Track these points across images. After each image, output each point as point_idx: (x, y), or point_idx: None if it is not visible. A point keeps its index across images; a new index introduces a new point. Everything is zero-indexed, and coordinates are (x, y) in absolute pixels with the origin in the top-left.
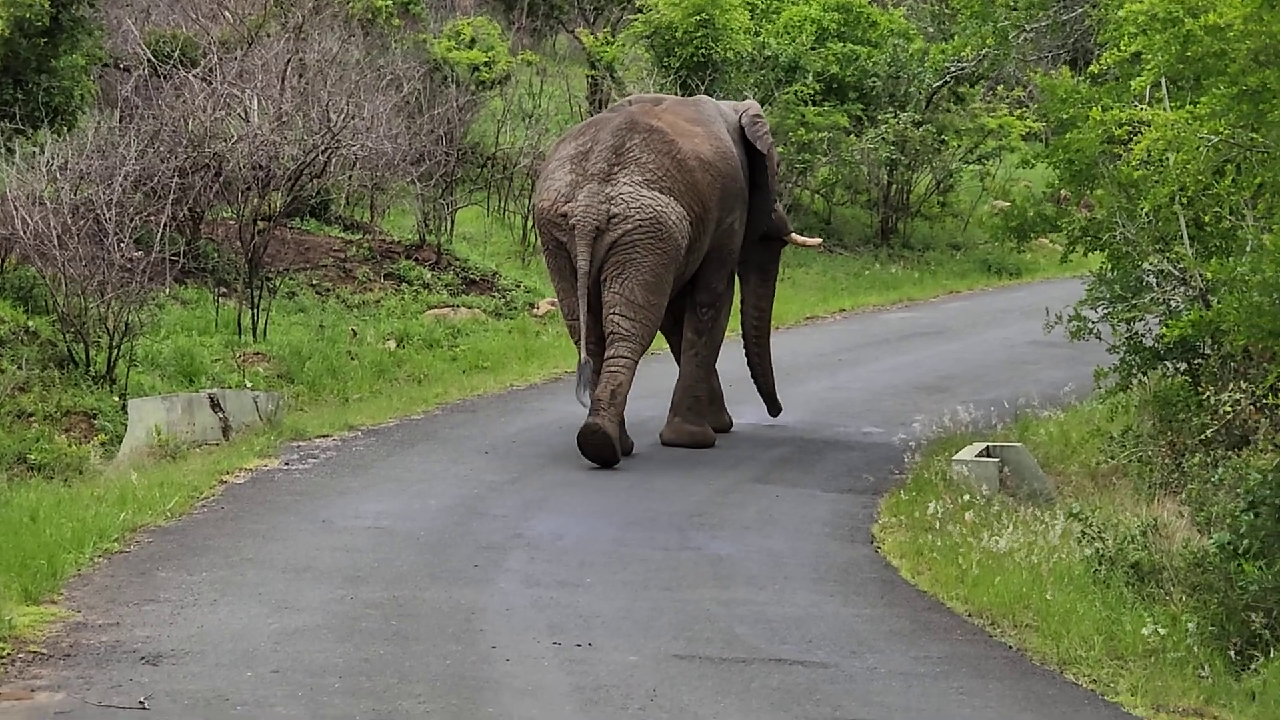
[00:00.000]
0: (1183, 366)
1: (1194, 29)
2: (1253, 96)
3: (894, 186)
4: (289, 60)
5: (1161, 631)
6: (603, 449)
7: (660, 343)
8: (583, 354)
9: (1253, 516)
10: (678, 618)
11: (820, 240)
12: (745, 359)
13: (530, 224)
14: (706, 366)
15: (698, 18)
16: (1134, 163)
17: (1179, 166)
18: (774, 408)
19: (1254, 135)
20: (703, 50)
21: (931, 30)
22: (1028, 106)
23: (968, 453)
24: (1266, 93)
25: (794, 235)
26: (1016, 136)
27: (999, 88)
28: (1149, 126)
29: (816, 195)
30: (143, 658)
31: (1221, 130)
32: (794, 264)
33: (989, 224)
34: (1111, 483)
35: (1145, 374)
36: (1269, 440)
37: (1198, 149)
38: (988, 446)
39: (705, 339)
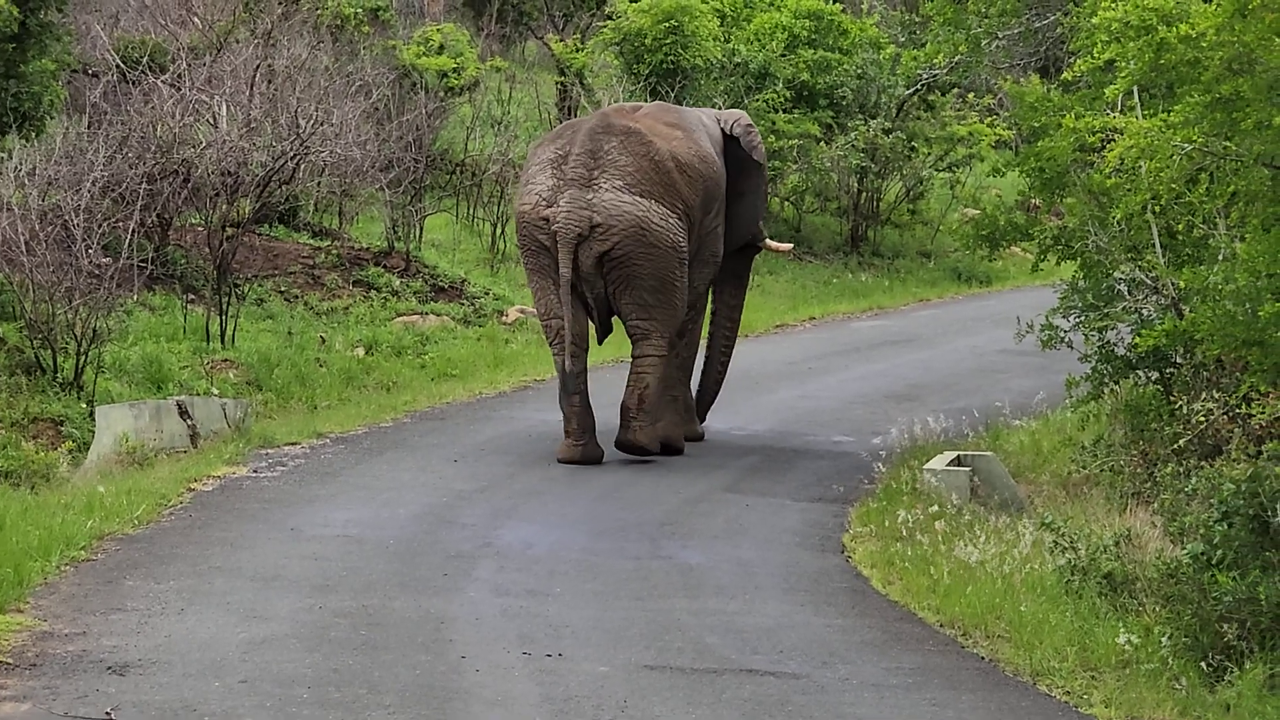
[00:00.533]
0: (1154, 376)
1: (1168, 37)
2: (1226, 105)
3: (864, 194)
4: (258, 66)
5: (1135, 642)
6: (639, 453)
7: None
8: (568, 361)
9: (1226, 527)
10: (648, 628)
11: (791, 246)
12: (705, 365)
13: (499, 231)
14: (685, 368)
15: (667, 24)
16: (1107, 171)
17: (1152, 175)
18: (702, 419)
19: (1227, 144)
20: (672, 57)
21: (903, 39)
22: (997, 114)
23: (938, 462)
24: (1240, 101)
25: (768, 241)
26: (986, 144)
27: (969, 95)
28: (1122, 135)
29: (786, 203)
30: (109, 668)
31: (1195, 139)
32: (764, 271)
33: (960, 232)
34: (1083, 492)
35: (1117, 383)
36: (1241, 450)
37: (1171, 157)
38: (958, 455)
39: (685, 340)
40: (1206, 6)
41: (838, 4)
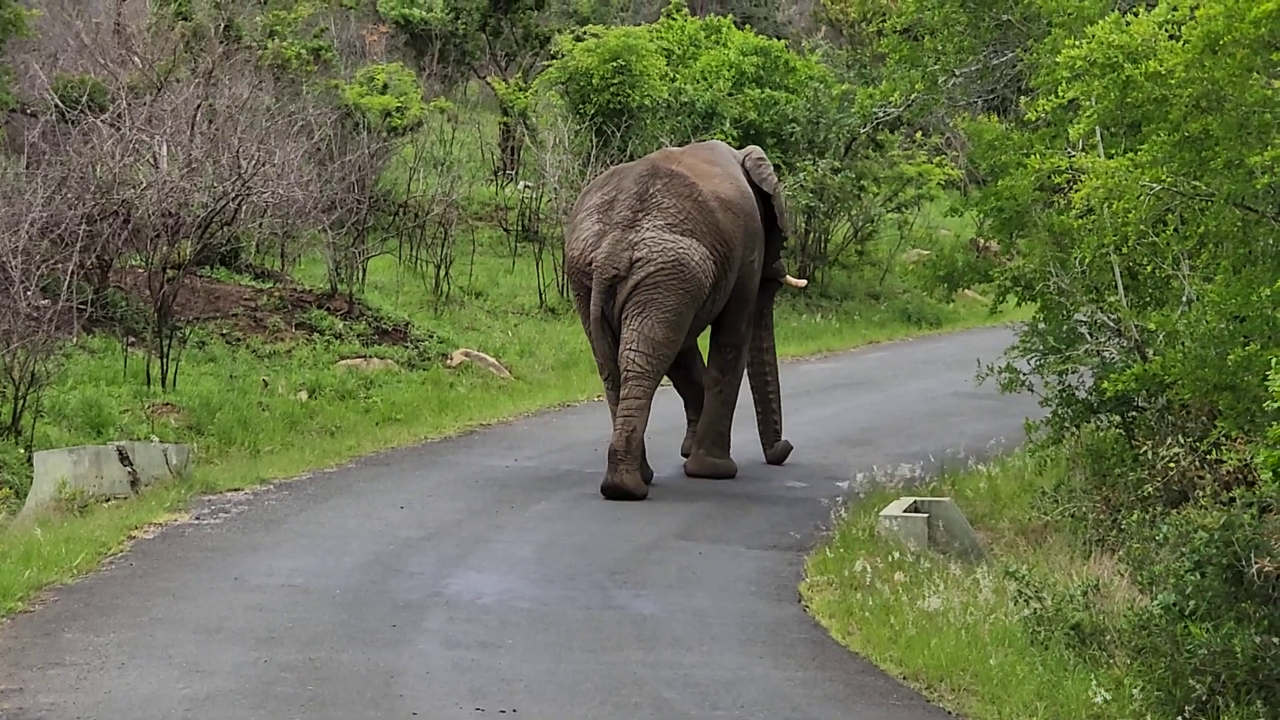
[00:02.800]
0: (1117, 420)
1: (1134, 75)
2: (1194, 144)
3: (812, 234)
4: (199, 106)
5: (1106, 696)
6: (626, 497)
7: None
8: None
9: (1199, 576)
10: (604, 681)
11: (806, 281)
12: (759, 415)
13: (443, 273)
14: (729, 403)
15: (614, 64)
16: (1074, 211)
17: (1119, 215)
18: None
19: (1196, 184)
20: (619, 97)
21: (850, 76)
22: (945, 154)
23: (895, 508)
24: (1209, 140)
25: (788, 277)
26: (935, 184)
27: (918, 135)
28: (1087, 174)
29: None
30: None
31: (1164, 178)
32: None
33: (917, 273)
34: (1044, 539)
35: (1077, 427)
36: (1211, 497)
37: (1139, 198)
38: (915, 501)
39: (729, 378)
40: (1174, 43)
41: (782, 40)
